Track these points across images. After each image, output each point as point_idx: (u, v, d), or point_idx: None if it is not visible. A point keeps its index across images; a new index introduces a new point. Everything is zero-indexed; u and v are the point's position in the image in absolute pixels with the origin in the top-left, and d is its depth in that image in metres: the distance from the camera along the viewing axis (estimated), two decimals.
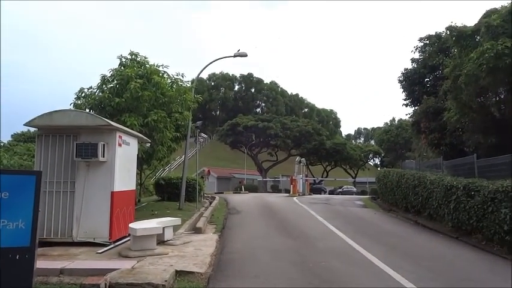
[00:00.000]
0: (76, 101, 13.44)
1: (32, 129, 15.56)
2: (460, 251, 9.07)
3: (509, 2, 14.34)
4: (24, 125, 8.35)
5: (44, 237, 7.84)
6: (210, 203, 20.51)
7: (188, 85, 15.63)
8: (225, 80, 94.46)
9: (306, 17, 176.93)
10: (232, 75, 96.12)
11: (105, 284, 5.48)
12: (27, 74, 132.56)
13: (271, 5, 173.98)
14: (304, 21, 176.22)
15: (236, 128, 52.35)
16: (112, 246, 8.04)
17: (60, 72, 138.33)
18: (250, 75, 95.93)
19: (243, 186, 44.55)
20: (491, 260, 8.19)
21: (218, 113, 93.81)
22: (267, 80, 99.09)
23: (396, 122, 72.55)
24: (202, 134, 20.09)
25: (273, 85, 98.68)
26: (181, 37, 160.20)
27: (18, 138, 28.18)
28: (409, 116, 24.99)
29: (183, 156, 18.59)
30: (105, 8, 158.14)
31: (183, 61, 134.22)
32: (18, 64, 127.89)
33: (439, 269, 7.19)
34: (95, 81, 14.29)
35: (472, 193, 10.06)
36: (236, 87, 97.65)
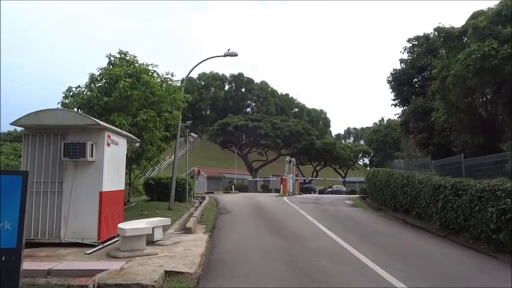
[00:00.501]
0: (64, 100, 13.27)
1: (19, 129, 15.33)
2: (448, 250, 9.17)
3: (495, 4, 14.59)
4: (10, 124, 8.23)
5: (31, 238, 7.73)
6: (200, 203, 20.45)
7: (178, 84, 15.56)
8: (215, 79, 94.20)
9: (296, 18, 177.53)
10: (223, 74, 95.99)
11: (94, 285, 5.43)
12: (25, 75, 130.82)
13: (268, 5, 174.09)
14: (295, 22, 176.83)
15: (226, 128, 52.31)
16: (100, 246, 7.96)
17: (60, 73, 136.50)
18: (240, 74, 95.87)
19: (233, 186, 44.53)
20: (478, 259, 8.30)
21: (208, 112, 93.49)
22: (257, 80, 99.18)
23: (385, 122, 73.36)
24: (192, 134, 19.97)
25: (263, 85, 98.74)
26: (180, 37, 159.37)
27: (5, 137, 27.72)
28: (398, 116, 25.26)
29: (173, 156, 18.50)
30: (104, 8, 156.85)
31: (180, 60, 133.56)
32: (15, 65, 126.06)
33: (428, 267, 7.27)
34: (84, 80, 14.15)
35: (460, 192, 10.19)
36: (226, 87, 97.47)
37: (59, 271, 6.01)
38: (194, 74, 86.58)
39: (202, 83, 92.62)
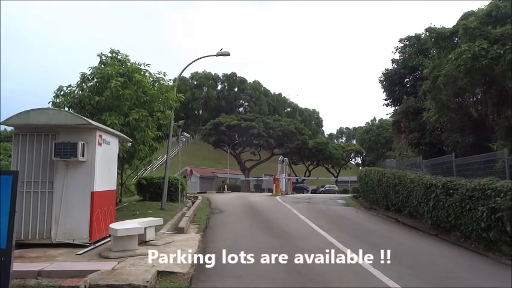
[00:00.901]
0: (55, 100, 13.15)
1: (9, 128, 15.16)
2: (440, 248, 9.25)
3: (485, 4, 14.74)
4: (0, 123, 8.14)
5: (22, 238, 7.66)
6: (193, 203, 20.39)
7: (170, 84, 15.51)
8: (207, 79, 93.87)
9: (289, 18, 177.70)
10: (215, 74, 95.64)
11: (85, 286, 5.40)
12: (14, 74, 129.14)
13: (261, 4, 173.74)
14: (288, 21, 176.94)
15: (219, 128, 52.20)
16: (92, 247, 7.90)
17: (50, 72, 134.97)
18: (233, 74, 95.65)
19: (226, 186, 44.48)
20: (469, 257, 8.39)
21: (201, 112, 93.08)
22: (250, 80, 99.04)
23: (377, 121, 73.69)
24: (185, 133, 19.90)
25: (256, 84, 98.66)
26: (171, 37, 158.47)
27: None
28: (390, 115, 25.42)
29: (165, 156, 18.43)
30: (104, 8, 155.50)
31: (172, 60, 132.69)
32: (4, 63, 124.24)
33: (420, 266, 7.33)
34: (75, 80, 14.02)
35: (451, 191, 10.28)
36: (219, 87, 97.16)
37: (50, 272, 5.96)
38: (187, 74, 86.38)
39: (195, 83, 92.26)
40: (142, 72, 14.05)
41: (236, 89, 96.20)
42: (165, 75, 14.97)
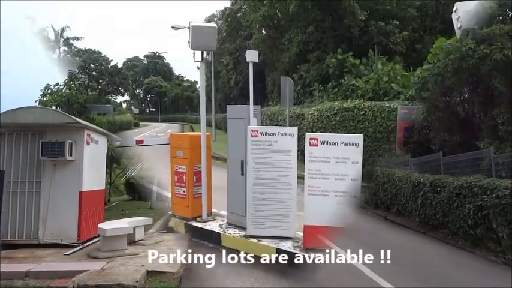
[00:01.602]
0: (42, 98, 12.96)
1: None
2: (429, 246, 9.36)
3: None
4: None
5: (8, 239, 7.53)
6: None
7: None
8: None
9: None
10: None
11: (73, 286, 5.34)
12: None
13: None
14: None
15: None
16: (81, 247, 7.81)
17: (38, 70, 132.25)
18: None
19: None
20: (457, 254, 8.51)
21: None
22: None
23: None
24: None
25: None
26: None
27: None
28: None
29: None
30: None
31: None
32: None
33: (410, 264, 7.38)
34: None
35: (438, 189, 10.38)
36: None
37: (38, 273, 5.88)
38: None
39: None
40: None
41: None
42: None
